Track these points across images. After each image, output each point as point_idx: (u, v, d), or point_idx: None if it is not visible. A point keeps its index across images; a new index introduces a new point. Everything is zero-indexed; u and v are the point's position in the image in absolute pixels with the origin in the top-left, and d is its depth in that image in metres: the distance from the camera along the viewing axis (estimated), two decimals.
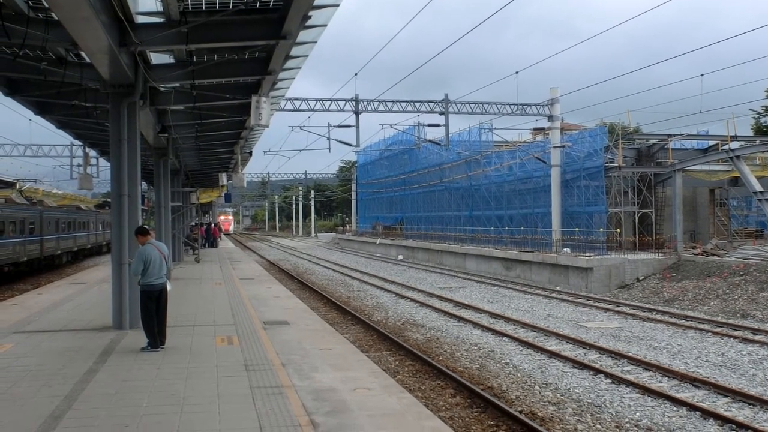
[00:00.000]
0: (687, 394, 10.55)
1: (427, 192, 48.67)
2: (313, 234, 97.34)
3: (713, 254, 26.47)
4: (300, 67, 13.96)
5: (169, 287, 10.24)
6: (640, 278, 24.74)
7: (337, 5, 9.83)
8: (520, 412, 9.38)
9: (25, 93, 14.15)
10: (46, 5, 9.32)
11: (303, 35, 10.95)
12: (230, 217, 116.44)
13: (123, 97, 11.63)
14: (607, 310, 19.78)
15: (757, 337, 15.08)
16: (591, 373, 11.88)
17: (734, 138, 32.20)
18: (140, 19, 10.40)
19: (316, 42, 11.86)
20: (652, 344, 14.55)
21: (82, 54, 11.47)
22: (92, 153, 28.74)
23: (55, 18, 9.21)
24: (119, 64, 10.40)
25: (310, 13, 9.77)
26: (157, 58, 12.87)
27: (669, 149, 32.65)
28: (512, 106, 32.09)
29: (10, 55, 11.32)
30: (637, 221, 31.96)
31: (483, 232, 38.08)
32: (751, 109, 50.53)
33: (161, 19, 10.42)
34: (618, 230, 30.33)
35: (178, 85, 14.35)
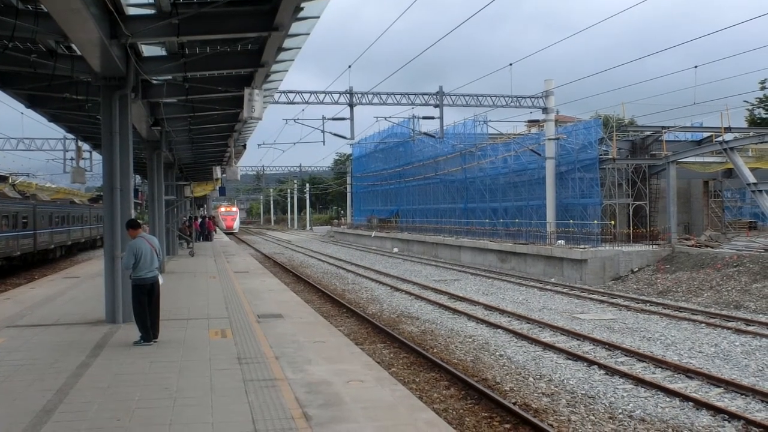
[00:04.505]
0: (680, 384, 10.59)
1: (422, 185, 48.67)
2: (308, 227, 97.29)
3: (707, 246, 26.54)
4: (293, 60, 13.87)
5: (161, 281, 10.20)
6: (635, 270, 24.80)
7: None
8: (514, 404, 9.40)
9: (16, 86, 14.02)
10: None
11: (296, 27, 10.86)
12: (234, 209, 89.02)
13: (114, 89, 11.53)
14: (602, 301, 19.83)
15: (749, 328, 15.15)
16: (585, 364, 11.91)
17: (728, 130, 32.20)
18: (131, 11, 10.31)
19: (309, 34, 11.77)
20: (645, 335, 14.60)
21: (73, 46, 11.38)
22: (85, 146, 28.59)
23: (45, 10, 9.12)
24: (110, 56, 10.32)
25: (302, 5, 9.69)
26: (148, 50, 12.75)
27: (663, 141, 32.67)
28: (507, 99, 32.05)
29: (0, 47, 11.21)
30: (631, 213, 32.02)
31: (478, 224, 38.12)
32: (745, 101, 50.54)
33: (152, 11, 10.34)
34: (612, 222, 30.39)
35: (170, 77, 14.24)
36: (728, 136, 28.00)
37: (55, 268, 29.48)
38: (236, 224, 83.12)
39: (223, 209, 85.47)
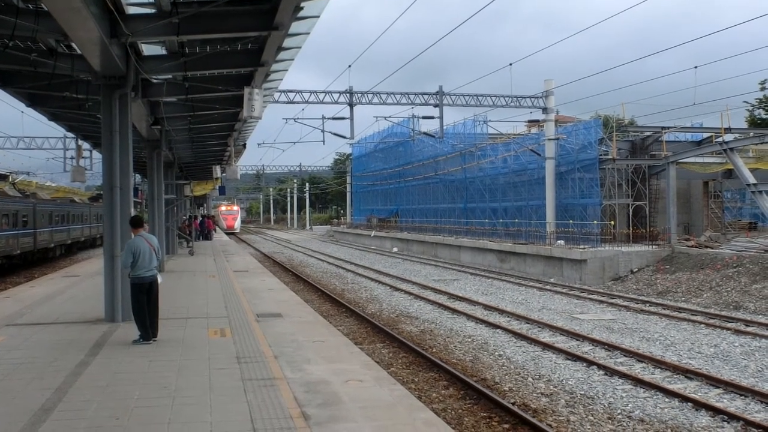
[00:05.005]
0: (679, 385, 10.59)
1: (421, 184, 48.67)
2: (307, 226, 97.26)
3: (707, 246, 26.54)
4: (293, 59, 13.88)
5: (159, 280, 10.19)
6: (634, 270, 24.80)
7: None
8: (513, 404, 9.40)
9: (16, 84, 14.04)
10: None
11: (295, 26, 10.87)
12: (235, 208, 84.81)
13: (114, 88, 11.54)
14: (601, 302, 19.83)
15: (749, 329, 15.15)
16: (584, 364, 11.91)
17: (728, 130, 32.22)
18: (131, 10, 10.33)
19: (308, 33, 11.78)
20: (645, 336, 14.60)
21: (73, 45, 11.38)
22: (85, 145, 28.61)
23: (45, 9, 9.13)
24: (110, 55, 10.32)
25: (302, 4, 9.70)
26: (149, 49, 12.76)
27: (663, 142, 32.68)
28: (507, 98, 32.03)
29: (0, 46, 11.21)
30: (631, 213, 32.02)
31: (477, 224, 38.11)
32: (745, 101, 50.58)
33: (152, 10, 10.35)
34: (612, 222, 30.38)
35: (170, 76, 14.26)
36: (728, 137, 28.04)
37: (55, 267, 29.47)
38: (237, 224, 79.75)
39: (223, 208, 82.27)
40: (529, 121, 41.06)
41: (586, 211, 30.66)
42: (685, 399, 9.70)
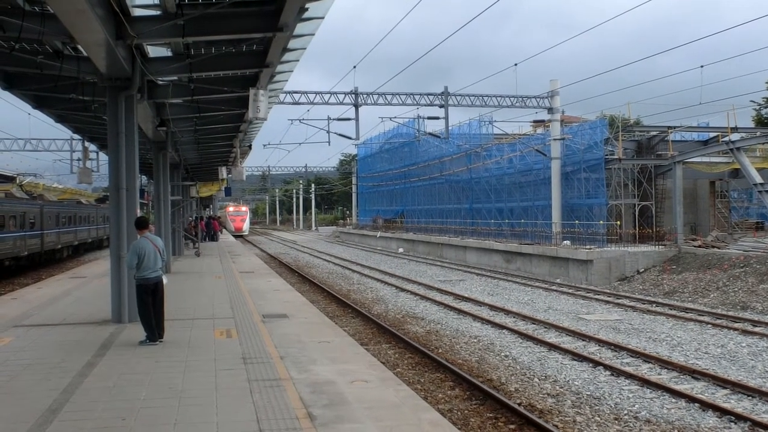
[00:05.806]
0: (686, 385, 10.55)
1: (427, 185, 48.66)
2: (313, 227, 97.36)
3: (713, 246, 26.44)
4: (298, 60, 13.92)
5: (165, 281, 10.22)
6: (641, 270, 24.72)
7: None
8: (519, 405, 9.38)
9: (23, 87, 14.12)
10: None
11: (300, 28, 10.90)
12: (244, 209, 79.67)
13: (120, 90, 11.58)
14: (607, 302, 19.78)
15: (756, 329, 15.08)
16: (590, 365, 11.88)
17: (735, 130, 32.08)
18: (136, 12, 10.36)
19: (313, 35, 11.82)
20: (651, 336, 14.55)
21: (79, 47, 11.42)
22: (92, 147, 28.73)
23: (51, 11, 9.17)
24: (116, 57, 10.36)
25: (306, 6, 9.72)
26: (154, 51, 12.80)
27: (669, 141, 32.57)
28: (512, 99, 32.00)
29: (7, 49, 11.28)
30: (637, 213, 31.92)
31: (483, 224, 38.08)
32: (751, 101, 50.47)
33: (158, 12, 10.37)
34: (618, 222, 30.29)
35: (176, 78, 14.29)
36: (735, 136, 27.88)
37: (62, 268, 29.59)
38: (246, 225, 75.38)
39: (231, 209, 78.19)
40: (535, 122, 41.04)
41: (592, 211, 30.60)
42: (692, 399, 9.66)
